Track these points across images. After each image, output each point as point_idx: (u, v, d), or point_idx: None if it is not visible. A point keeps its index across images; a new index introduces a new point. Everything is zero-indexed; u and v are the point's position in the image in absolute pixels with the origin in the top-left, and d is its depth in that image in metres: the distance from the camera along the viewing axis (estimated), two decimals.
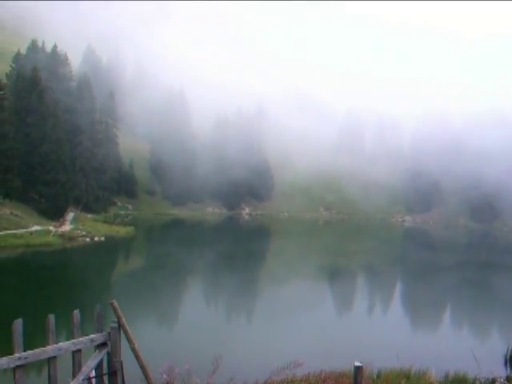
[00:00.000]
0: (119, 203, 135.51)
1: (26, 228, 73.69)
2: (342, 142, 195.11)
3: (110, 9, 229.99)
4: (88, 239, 78.91)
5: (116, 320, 11.53)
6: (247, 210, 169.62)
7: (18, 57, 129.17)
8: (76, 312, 11.28)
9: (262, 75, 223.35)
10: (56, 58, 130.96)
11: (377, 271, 70.36)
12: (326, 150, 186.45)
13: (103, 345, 11.57)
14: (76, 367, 11.17)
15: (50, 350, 10.55)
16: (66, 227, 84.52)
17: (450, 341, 36.72)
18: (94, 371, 11.51)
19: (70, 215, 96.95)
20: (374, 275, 67.01)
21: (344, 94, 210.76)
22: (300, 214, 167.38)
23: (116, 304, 11.44)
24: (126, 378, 11.82)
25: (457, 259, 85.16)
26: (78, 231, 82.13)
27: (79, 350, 11.14)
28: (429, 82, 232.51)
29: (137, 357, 11.33)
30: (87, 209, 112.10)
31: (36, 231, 74.20)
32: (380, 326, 39.74)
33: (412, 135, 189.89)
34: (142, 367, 11.36)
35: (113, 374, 11.66)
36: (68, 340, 11.08)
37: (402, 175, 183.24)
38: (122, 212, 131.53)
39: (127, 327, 11.44)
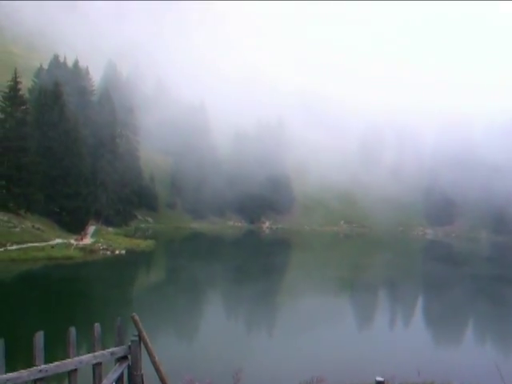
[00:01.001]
0: (140, 217, 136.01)
1: (48, 241, 74.08)
2: (362, 155, 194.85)
3: (128, 23, 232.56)
4: (109, 252, 79.08)
5: (137, 333, 11.51)
6: (268, 224, 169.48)
7: (39, 72, 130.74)
8: (97, 325, 11.27)
9: (280, 87, 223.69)
10: (77, 73, 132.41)
11: (398, 285, 69.71)
12: (347, 163, 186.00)
13: (124, 358, 11.54)
14: (96, 380, 11.14)
15: (70, 362, 10.54)
16: (87, 240, 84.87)
17: (472, 355, 36.22)
18: None
19: (91, 228, 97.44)
20: (395, 289, 66.40)
21: (364, 106, 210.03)
22: (320, 228, 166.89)
23: (137, 317, 11.42)
24: None
25: (478, 273, 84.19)
26: (99, 244, 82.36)
27: (100, 363, 11.12)
28: (449, 91, 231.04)
29: (157, 370, 11.28)
30: (108, 222, 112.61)
31: (57, 244, 74.54)
32: (401, 340, 39.33)
33: (432, 147, 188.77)
34: (163, 381, 11.31)
35: None
36: (89, 353, 11.06)
37: (423, 187, 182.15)
38: (143, 225, 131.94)
39: (148, 340, 11.41)
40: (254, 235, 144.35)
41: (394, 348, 36.23)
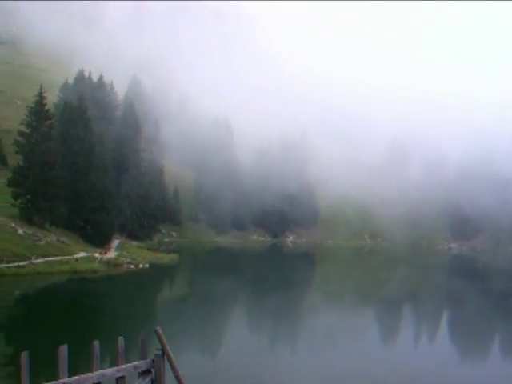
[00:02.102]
0: (163, 231, 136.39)
1: (72, 254, 74.47)
2: (385, 169, 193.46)
3: (150, 37, 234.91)
4: (133, 266, 79.29)
5: (160, 347, 11.46)
6: (291, 238, 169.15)
7: (65, 87, 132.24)
8: (120, 339, 11.25)
9: (303, 101, 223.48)
10: (102, 88, 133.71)
11: (424, 300, 68.91)
12: (370, 177, 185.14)
13: (147, 372, 11.50)
14: None
15: (94, 376, 10.51)
16: (111, 254, 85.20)
17: (499, 371, 35.60)
18: None
19: (115, 242, 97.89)
20: (422, 304, 65.59)
21: (388, 119, 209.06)
22: (344, 242, 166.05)
23: (160, 331, 11.39)
24: None
25: (505, 287, 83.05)
26: (123, 258, 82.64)
27: (123, 377, 11.08)
28: (473, 106, 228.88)
29: None
30: (132, 236, 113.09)
31: (82, 258, 74.92)
32: (428, 357, 38.76)
33: (456, 161, 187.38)
34: None
35: None
36: (112, 366, 11.02)
37: (447, 202, 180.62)
38: (167, 239, 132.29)
39: (171, 355, 11.35)
40: (278, 249, 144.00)
41: (420, 365, 35.70)
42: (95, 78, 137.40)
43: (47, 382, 9.90)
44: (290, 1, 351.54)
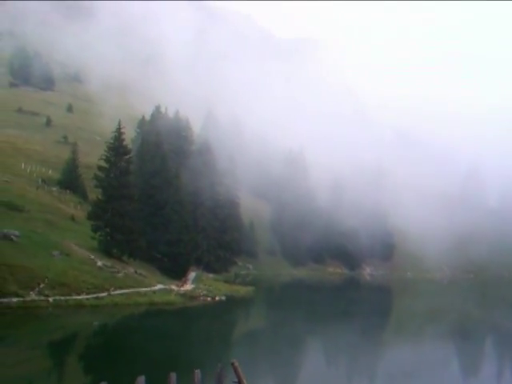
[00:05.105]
0: (240, 263, 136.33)
1: (149, 287, 75.10)
2: (464, 197, 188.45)
3: (224, 72, 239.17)
4: (209, 298, 79.32)
5: (236, 380, 11.18)
6: (368, 270, 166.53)
7: (142, 122, 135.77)
8: (197, 372, 11.07)
9: (379, 128, 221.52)
10: (178, 123, 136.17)
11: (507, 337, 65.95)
12: (448, 206, 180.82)
13: None
14: None
15: None
16: (188, 286, 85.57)
17: None
18: None
19: (192, 275, 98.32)
20: (505, 342, 62.71)
21: (466, 144, 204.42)
22: (423, 274, 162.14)
23: (237, 364, 11.13)
24: None
25: None
26: (200, 290, 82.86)
27: None
28: None
29: None
30: (208, 268, 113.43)
31: (159, 290, 75.47)
32: None
33: None
34: None
35: None
36: None
37: None
38: (243, 272, 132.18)
39: None
40: (354, 282, 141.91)
41: None
42: (172, 114, 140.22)
43: None
44: (361, 27, 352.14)
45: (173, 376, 10.44)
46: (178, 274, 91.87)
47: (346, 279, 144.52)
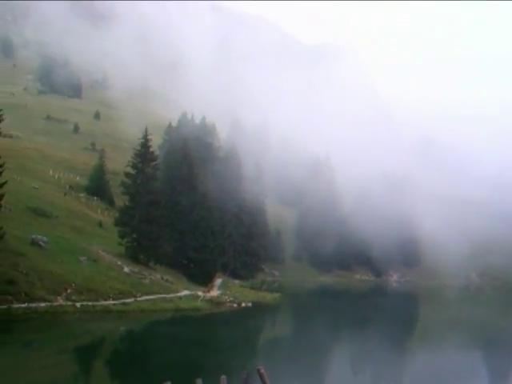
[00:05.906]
0: (266, 269, 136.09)
1: (176, 293, 75.23)
2: (492, 205, 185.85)
3: (248, 79, 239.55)
4: (235, 305, 79.20)
5: None
6: (395, 277, 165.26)
7: (169, 129, 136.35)
8: (223, 378, 10.98)
9: (404, 135, 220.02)
10: (205, 129, 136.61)
11: None
12: (475, 213, 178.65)
13: None
14: None
15: None
16: (214, 292, 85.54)
17: None
18: None
19: (218, 281, 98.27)
20: None
21: (494, 149, 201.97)
22: (450, 281, 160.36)
23: (263, 370, 10.99)
24: None
25: None
26: (226, 297, 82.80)
27: None
28: None
29: None
30: (235, 274, 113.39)
31: (185, 296, 75.55)
32: None
33: None
34: None
35: None
36: None
37: None
38: (269, 278, 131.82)
39: None
40: (381, 289, 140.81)
41: None
42: (198, 121, 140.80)
43: None
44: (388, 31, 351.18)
45: (199, 382, 10.37)
46: (205, 280, 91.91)
47: (372, 286, 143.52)
